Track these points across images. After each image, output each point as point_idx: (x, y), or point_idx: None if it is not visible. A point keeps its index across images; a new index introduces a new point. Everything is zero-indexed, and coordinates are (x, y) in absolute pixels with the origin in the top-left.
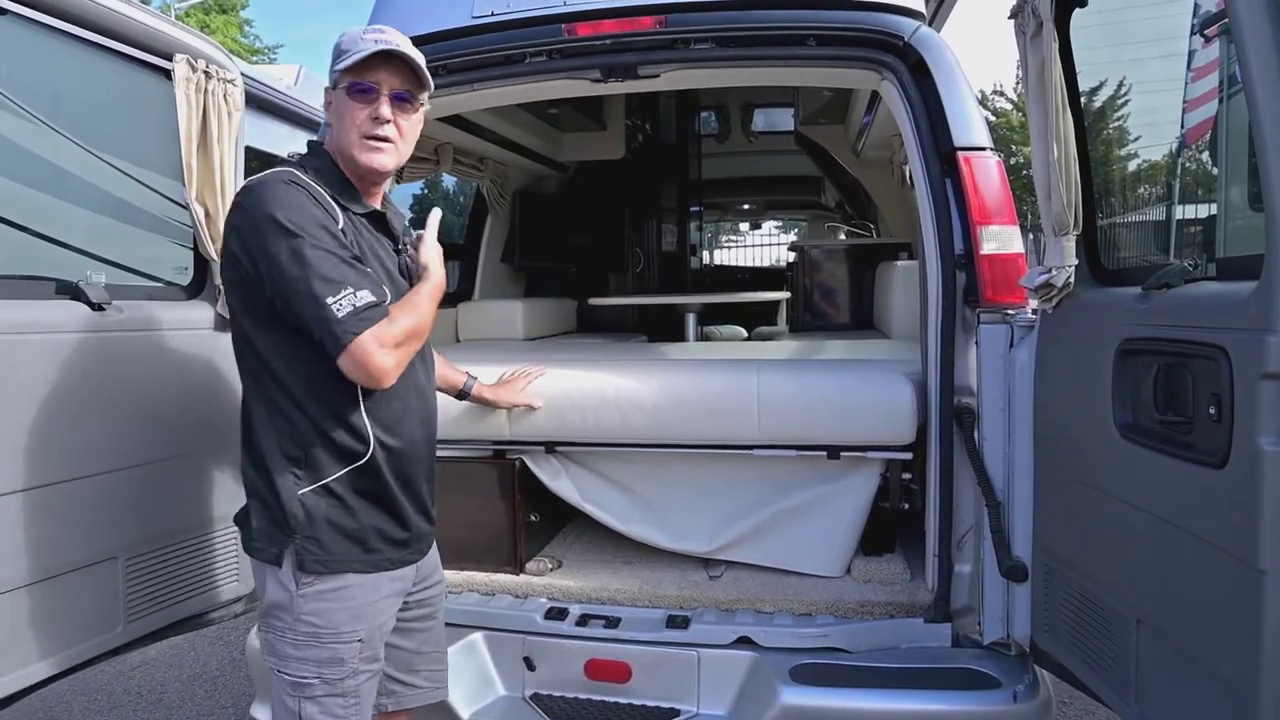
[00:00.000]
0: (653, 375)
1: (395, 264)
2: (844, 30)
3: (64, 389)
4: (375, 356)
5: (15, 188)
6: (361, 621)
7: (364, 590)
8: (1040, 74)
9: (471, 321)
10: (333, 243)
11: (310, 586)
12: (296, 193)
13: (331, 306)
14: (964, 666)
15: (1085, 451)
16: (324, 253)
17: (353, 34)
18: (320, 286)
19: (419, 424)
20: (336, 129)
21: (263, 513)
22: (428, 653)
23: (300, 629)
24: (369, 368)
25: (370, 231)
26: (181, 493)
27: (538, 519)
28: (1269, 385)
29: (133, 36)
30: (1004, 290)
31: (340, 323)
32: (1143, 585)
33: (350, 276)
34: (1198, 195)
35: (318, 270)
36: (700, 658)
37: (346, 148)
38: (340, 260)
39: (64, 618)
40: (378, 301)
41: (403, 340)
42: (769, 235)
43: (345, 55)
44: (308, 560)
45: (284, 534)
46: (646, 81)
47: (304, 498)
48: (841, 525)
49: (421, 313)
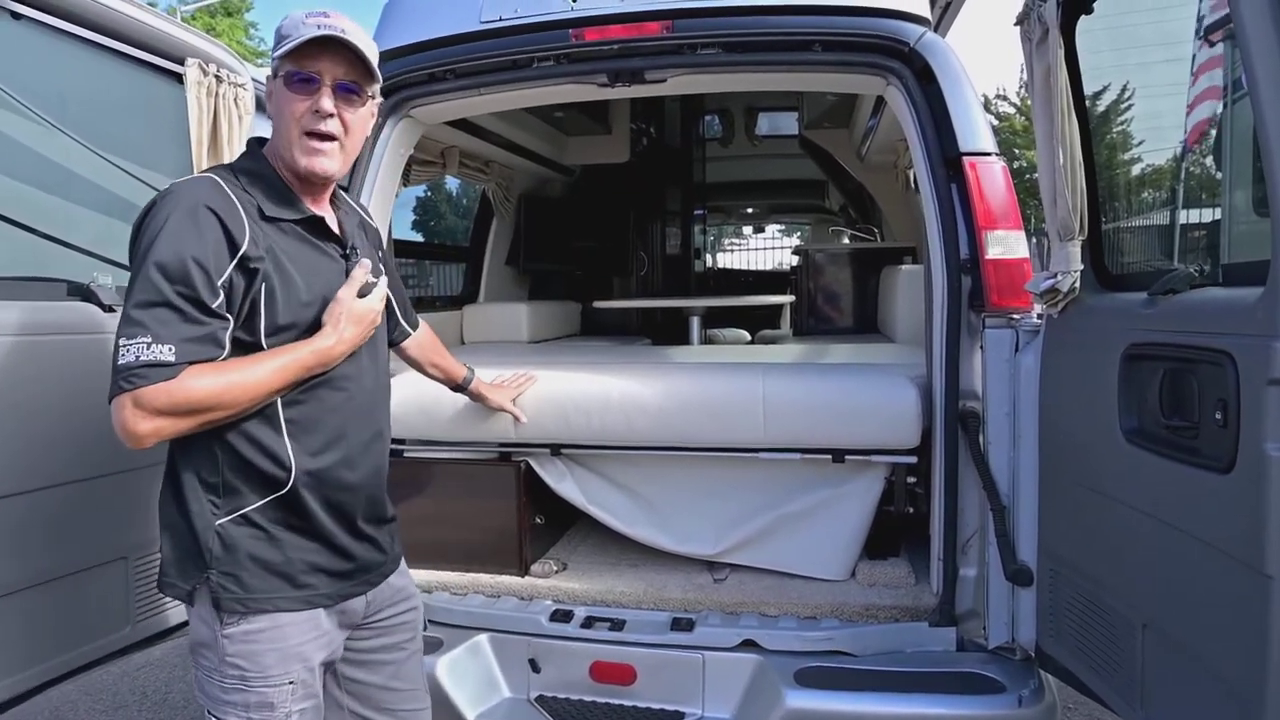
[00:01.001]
0: (658, 378)
1: (338, 270)
2: (850, 36)
3: (76, 390)
4: (128, 422)
5: (26, 189)
6: (294, 662)
7: (297, 629)
8: (1046, 80)
9: (476, 324)
10: (185, 283)
11: (235, 626)
12: (189, 216)
13: (121, 349)
14: (969, 671)
15: (1091, 456)
16: (154, 289)
17: (295, 18)
18: (124, 324)
19: (359, 446)
20: (275, 124)
21: (174, 543)
22: (400, 690)
23: (227, 671)
24: (120, 428)
25: (306, 239)
26: None
27: (543, 521)
28: (1275, 391)
29: (146, 41)
30: (1009, 295)
31: (117, 370)
32: (1148, 590)
33: (161, 325)
34: (1202, 200)
35: (131, 306)
36: (705, 660)
37: (286, 148)
38: (168, 305)
39: (73, 618)
40: (169, 362)
41: (184, 409)
42: (772, 238)
43: (285, 41)
44: (224, 598)
45: (197, 568)
46: (653, 86)
47: (221, 528)
48: (846, 529)
49: (246, 380)
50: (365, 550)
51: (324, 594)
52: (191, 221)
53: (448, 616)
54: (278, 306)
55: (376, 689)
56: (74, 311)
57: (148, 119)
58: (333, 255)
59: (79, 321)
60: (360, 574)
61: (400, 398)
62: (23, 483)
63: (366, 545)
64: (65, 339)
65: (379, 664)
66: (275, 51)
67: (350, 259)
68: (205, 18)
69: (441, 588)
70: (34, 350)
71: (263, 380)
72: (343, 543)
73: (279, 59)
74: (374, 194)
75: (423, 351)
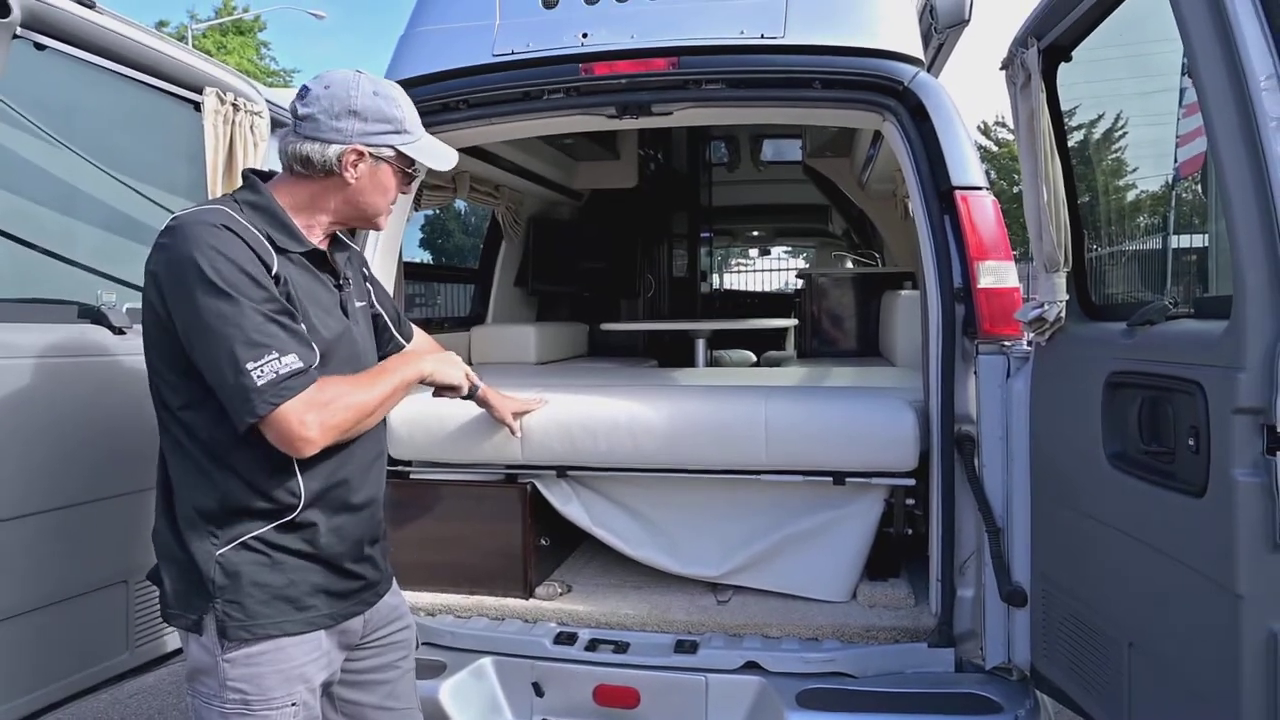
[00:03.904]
0: (664, 401)
1: (334, 300)
2: (847, 75)
3: (83, 412)
4: (297, 429)
5: (46, 213)
6: (297, 684)
7: (299, 650)
8: (1030, 122)
9: (485, 345)
10: (260, 296)
11: (236, 650)
12: (226, 237)
13: (252, 373)
14: (967, 691)
15: (1077, 479)
16: (249, 310)
17: (409, 110)
18: (243, 349)
19: (362, 467)
20: (364, 190)
21: (177, 575)
22: (395, 709)
23: (228, 696)
24: (287, 442)
25: (308, 270)
26: None
27: (548, 543)
28: (1241, 419)
29: (165, 71)
30: (1000, 323)
31: (258, 392)
32: (1133, 610)
33: (278, 338)
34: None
35: (242, 331)
36: (708, 682)
37: (371, 212)
38: (267, 318)
39: (73, 642)
40: (304, 368)
41: (338, 410)
42: (777, 260)
43: (405, 135)
44: (229, 626)
45: (202, 598)
46: (659, 118)
47: (223, 558)
48: (847, 550)
49: (372, 391)
50: (365, 569)
51: (326, 614)
52: (234, 244)
53: (452, 640)
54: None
55: (372, 709)
56: (84, 333)
57: (165, 146)
58: (329, 286)
59: (89, 344)
60: (360, 594)
61: (406, 418)
62: (26, 506)
63: (366, 565)
64: (75, 361)
65: (374, 684)
66: (395, 138)
67: (343, 289)
68: (217, 35)
69: (445, 610)
70: (43, 373)
71: (386, 390)
72: (344, 564)
73: (400, 147)
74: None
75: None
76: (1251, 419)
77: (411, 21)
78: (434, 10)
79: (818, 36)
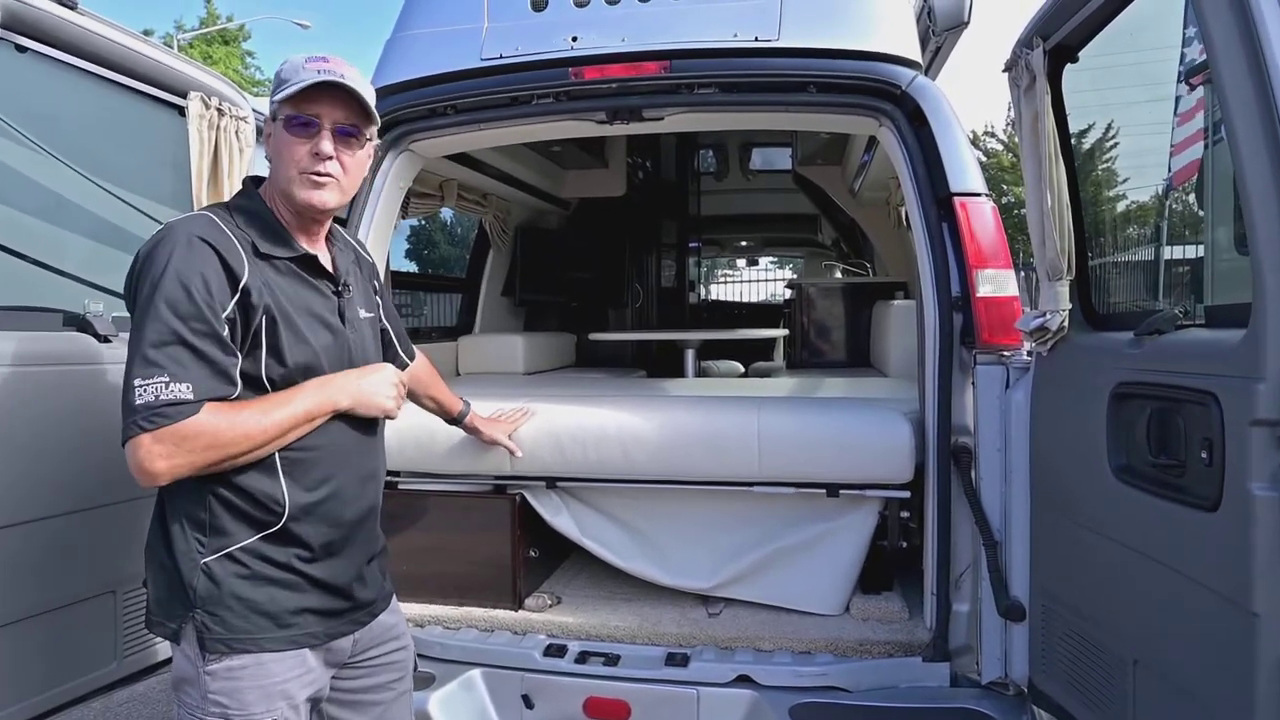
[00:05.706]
0: (654, 411)
1: (330, 307)
2: (843, 78)
3: (70, 421)
4: (145, 461)
5: (27, 219)
6: (278, 700)
7: (281, 666)
8: (1034, 125)
9: (472, 355)
10: (190, 313)
11: (217, 663)
12: (193, 247)
13: (136, 389)
14: (962, 706)
15: (1081, 492)
16: (165, 325)
17: (294, 62)
18: (139, 364)
19: (354, 483)
20: (274, 165)
21: (161, 582)
22: None
23: (209, 708)
24: (137, 469)
25: (299, 276)
26: None
27: (537, 554)
28: (1258, 431)
29: (149, 74)
30: (1000, 332)
31: (134, 410)
32: (1139, 626)
33: (178, 361)
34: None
35: (146, 345)
36: (700, 696)
37: (285, 185)
38: (179, 339)
39: (60, 653)
40: (189, 400)
41: (203, 447)
42: (766, 270)
43: (285, 85)
44: (208, 639)
45: (183, 607)
46: (650, 124)
47: (206, 567)
48: (841, 563)
49: (265, 421)
50: (357, 588)
51: (310, 633)
52: (195, 257)
53: (440, 651)
54: (280, 343)
55: None
56: (70, 342)
57: (149, 151)
58: (325, 292)
59: (74, 352)
60: (351, 613)
61: (396, 430)
62: (13, 515)
63: (359, 583)
64: (60, 369)
65: (366, 705)
66: (275, 95)
67: (342, 295)
68: (202, 45)
69: (434, 622)
70: (28, 381)
71: (281, 421)
72: (335, 581)
73: (278, 103)
74: (373, 226)
75: (419, 383)
76: (1270, 431)
77: (398, 25)
78: (421, 13)
79: (813, 39)
